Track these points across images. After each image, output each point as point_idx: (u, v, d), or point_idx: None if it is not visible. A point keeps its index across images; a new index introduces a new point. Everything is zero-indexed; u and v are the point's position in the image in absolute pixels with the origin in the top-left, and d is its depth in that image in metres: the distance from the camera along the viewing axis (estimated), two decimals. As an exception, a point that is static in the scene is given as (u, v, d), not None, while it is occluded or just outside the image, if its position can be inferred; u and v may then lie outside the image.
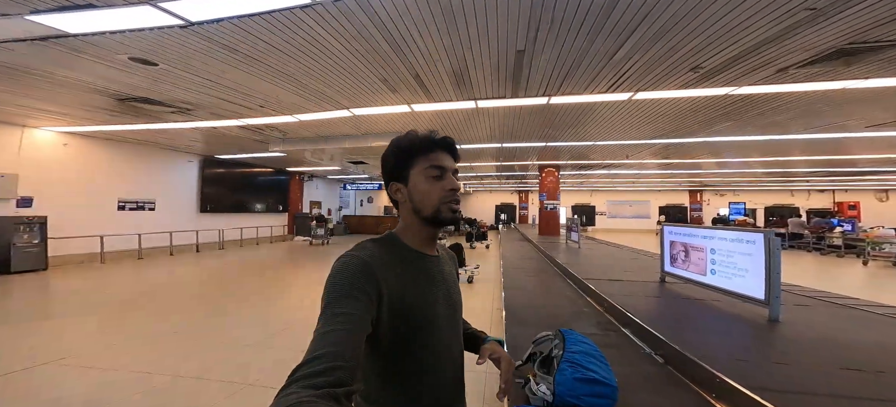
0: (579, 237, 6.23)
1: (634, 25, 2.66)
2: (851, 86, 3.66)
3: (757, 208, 18.90)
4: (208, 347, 3.05)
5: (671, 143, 6.86)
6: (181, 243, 9.31)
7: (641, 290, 2.98)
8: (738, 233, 2.46)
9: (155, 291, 5.13)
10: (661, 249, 3.39)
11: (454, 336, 0.71)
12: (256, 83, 4.02)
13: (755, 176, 13.02)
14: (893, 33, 2.63)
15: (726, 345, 1.70)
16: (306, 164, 11.51)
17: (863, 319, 2.16)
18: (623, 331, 2.17)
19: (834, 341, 1.70)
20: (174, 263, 7.55)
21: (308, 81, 3.97)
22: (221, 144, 8.19)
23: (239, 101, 4.71)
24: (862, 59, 3.04)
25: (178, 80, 3.89)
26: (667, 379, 1.47)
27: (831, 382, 1.26)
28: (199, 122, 5.75)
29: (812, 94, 4.00)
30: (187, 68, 3.57)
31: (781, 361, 1.45)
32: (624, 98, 4.29)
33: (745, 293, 2.29)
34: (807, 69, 3.29)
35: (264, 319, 3.90)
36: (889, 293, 5.09)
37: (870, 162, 9.28)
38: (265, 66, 3.55)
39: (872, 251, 7.85)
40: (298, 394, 0.40)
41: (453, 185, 0.68)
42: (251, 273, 6.72)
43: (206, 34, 2.87)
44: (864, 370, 1.35)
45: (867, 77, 3.46)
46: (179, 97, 4.51)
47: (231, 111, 5.17)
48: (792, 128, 5.60)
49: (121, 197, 8.08)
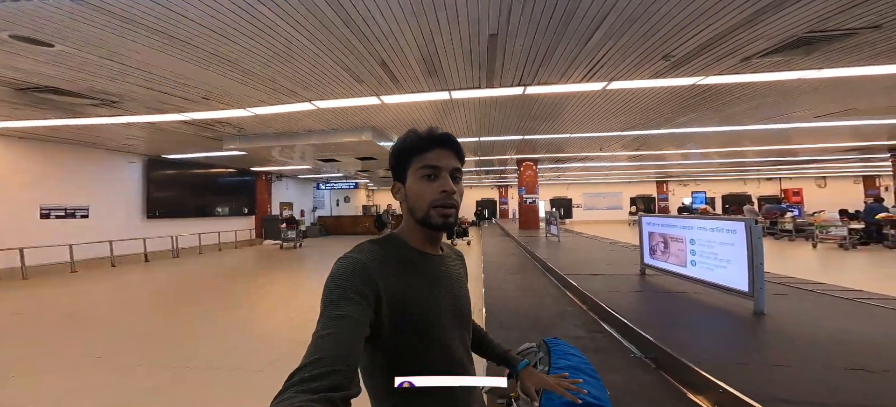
0: (559, 230, 6.21)
1: (607, 8, 2.52)
2: (807, 76, 3.81)
3: (715, 197, 20.37)
4: (139, 377, 2.55)
5: (641, 134, 7.03)
6: (126, 253, 8.31)
7: (623, 284, 2.89)
8: (718, 222, 2.39)
9: (81, 310, 4.39)
10: (641, 240, 3.33)
11: (460, 338, 0.67)
12: (194, 71, 3.48)
13: (713, 166, 13.96)
14: (850, 21, 2.69)
15: (719, 345, 1.58)
16: (273, 163, 10.71)
17: (842, 307, 2.15)
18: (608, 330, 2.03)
19: (826, 336, 1.63)
20: (114, 276, 6.65)
21: (256, 69, 3.51)
22: (167, 143, 7.32)
23: (177, 93, 4.11)
24: (819, 47, 3.13)
25: (90, 65, 3.28)
26: (663, 389, 1.31)
27: (838, 387, 1.14)
28: (131, 116, 5.01)
29: (768, 84, 4.15)
30: (97, 51, 3.00)
31: (783, 363, 1.33)
32: (598, 88, 4.22)
33: (728, 285, 2.22)
34: (769, 58, 3.35)
35: (222, 335, 3.40)
36: (845, 275, 5.50)
37: (811, 151, 10.18)
38: (202, 52, 3.07)
39: (820, 234, 8.55)
40: (295, 399, 0.40)
41: (446, 186, 0.63)
42: (205, 283, 6.03)
43: (109, 8, 2.37)
44: (869, 370, 1.26)
45: (821, 67, 3.60)
46: (99, 87, 3.84)
47: (170, 104, 4.52)
48: (747, 119, 5.90)
49: (44, 203, 7.01)
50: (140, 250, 8.62)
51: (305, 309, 4.24)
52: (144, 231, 8.92)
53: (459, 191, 0.65)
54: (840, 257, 7.00)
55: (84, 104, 4.37)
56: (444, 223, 0.63)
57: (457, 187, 0.65)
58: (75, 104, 4.36)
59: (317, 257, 9.36)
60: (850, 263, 6.45)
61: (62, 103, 4.31)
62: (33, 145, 6.73)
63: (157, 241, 9.07)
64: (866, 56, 3.31)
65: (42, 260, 6.70)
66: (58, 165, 7.13)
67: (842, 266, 6.14)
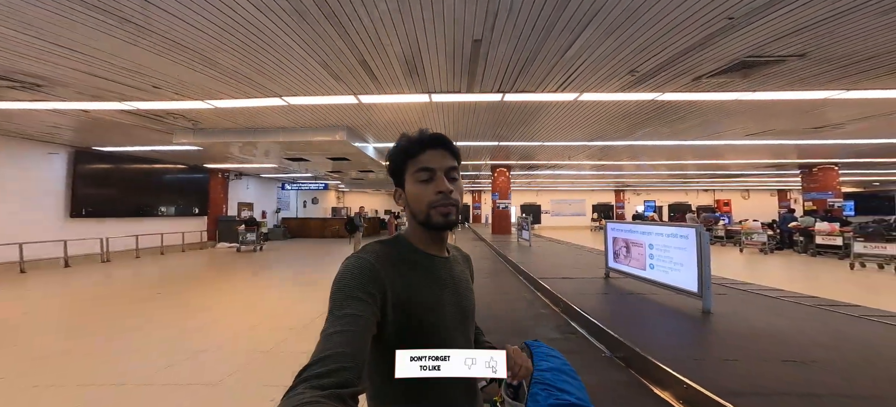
0: (530, 235, 6.46)
1: (587, 20, 2.69)
2: (744, 97, 4.40)
3: (663, 206, 22.67)
4: (51, 400, 2.15)
5: (604, 145, 7.61)
6: (41, 257, 7.07)
7: (590, 287, 3.07)
8: (674, 228, 2.65)
9: None
10: (606, 245, 3.57)
11: (464, 340, 0.68)
12: (145, 58, 3.10)
13: (661, 177, 15.53)
14: (782, 49, 3.13)
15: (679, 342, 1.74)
16: (233, 160, 9.85)
17: (770, 305, 2.47)
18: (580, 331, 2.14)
19: (762, 332, 1.86)
20: (22, 284, 5.60)
21: (223, 60, 3.22)
22: (102, 134, 6.40)
23: (120, 80, 3.62)
24: (756, 71, 3.62)
25: (13, 43, 2.77)
26: (634, 387, 1.41)
27: (778, 378, 1.31)
28: (60, 103, 4.31)
29: (712, 103, 4.72)
30: (19, 27, 2.55)
31: (730, 357, 1.51)
32: (571, 98, 4.49)
33: (680, 286, 2.46)
34: (715, 78, 3.81)
35: (159, 348, 2.98)
36: (768, 275, 6.35)
37: (738, 166, 11.76)
38: (157, 38, 2.75)
39: (746, 240, 9.88)
40: (305, 395, 0.40)
41: (441, 186, 0.64)
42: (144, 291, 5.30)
43: None
44: (800, 361, 1.47)
45: (755, 90, 4.17)
46: (22, 69, 3.26)
47: (109, 92, 3.97)
48: (691, 135, 6.67)
49: (-72, 201, 5.73)
50: (59, 254, 7.39)
51: (264, 319, 3.87)
52: (67, 233, 7.67)
53: (458, 188, 0.66)
54: (761, 260, 8.14)
55: (2, 86, 3.67)
56: (446, 222, 0.64)
57: (454, 186, 0.65)
58: (-18, 81, 3.64)
59: (279, 260, 8.72)
60: (769, 265, 7.53)
61: (-37, 79, 3.57)
62: (-85, 127, 5.51)
63: (80, 243, 7.86)
64: (789, 81, 3.89)
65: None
66: (-50, 154, 5.91)
67: (764, 268, 7.13)
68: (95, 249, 8.19)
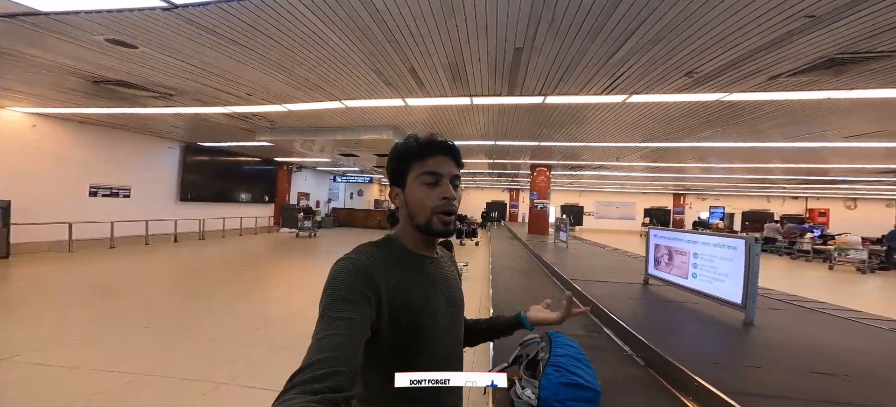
0: (568, 237, 6.33)
1: (633, 28, 2.66)
2: (837, 96, 3.79)
3: (735, 213, 19.72)
4: (179, 344, 2.92)
5: (660, 146, 7.01)
6: (158, 233, 8.95)
7: (625, 291, 3.05)
8: (721, 238, 2.53)
9: (123, 283, 4.88)
10: (647, 251, 3.47)
11: (455, 338, 0.70)
12: (243, 70, 3.85)
13: (735, 181, 13.54)
14: (883, 44, 2.69)
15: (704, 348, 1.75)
16: (295, 154, 11.21)
17: (829, 322, 2.27)
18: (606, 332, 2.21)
19: (802, 345, 1.78)
20: (149, 254, 7.24)
21: (298, 71, 3.83)
22: (205, 131, 7.87)
23: (225, 89, 4.51)
24: (851, 69, 3.13)
25: (159, 64, 3.69)
26: (648, 382, 1.50)
27: (801, 386, 1.31)
28: (182, 108, 5.49)
29: (798, 103, 4.13)
30: (169, 52, 3.38)
31: (754, 364, 1.51)
32: (618, 101, 4.34)
33: (722, 297, 2.37)
34: (797, 77, 3.37)
35: (246, 314, 3.79)
36: (853, 297, 5.41)
37: (841, 171, 9.77)
38: (253, 54, 3.40)
39: (838, 257, 8.30)
40: (296, 400, 0.40)
41: (447, 192, 0.64)
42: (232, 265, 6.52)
43: (191, 17, 2.71)
44: (832, 374, 1.42)
45: (852, 88, 3.57)
46: (160, 81, 4.28)
47: (216, 98, 4.95)
48: (774, 136, 5.81)
49: (93, 182, 7.68)
50: (170, 231, 9.25)
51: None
52: (176, 213, 9.54)
53: (458, 197, 0.67)
54: (853, 280, 6.84)
55: (145, 96, 4.86)
56: (445, 230, 0.64)
57: (455, 193, 0.66)
58: (137, 96, 4.85)
59: (331, 246, 9.81)
60: (861, 286, 6.30)
61: (126, 94, 4.80)
62: (88, 129, 7.37)
63: (185, 223, 9.63)
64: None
65: (86, 235, 7.32)
66: (107, 147, 7.77)
67: (852, 289, 6.01)
68: (194, 228, 10.03)
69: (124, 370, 2.42)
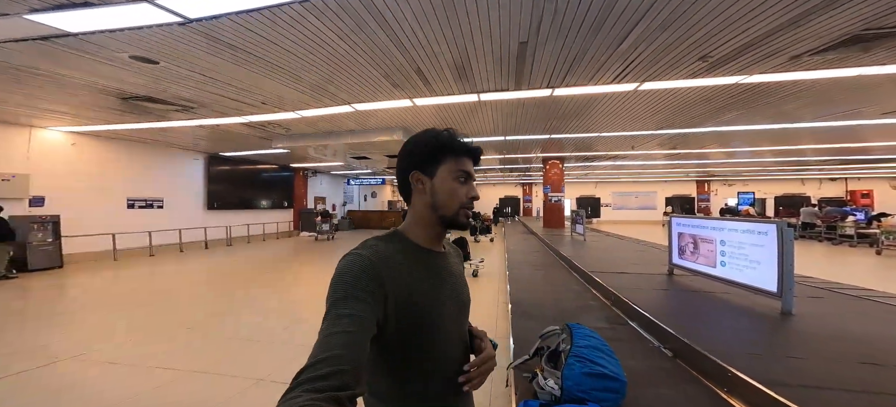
0: (584, 230, 6.18)
1: (639, 15, 2.58)
2: (868, 72, 3.53)
3: (766, 198, 18.58)
4: (221, 344, 3.10)
5: (678, 133, 6.72)
6: (190, 240, 9.47)
7: (649, 283, 2.95)
8: (750, 224, 2.41)
9: (169, 288, 5.23)
10: (669, 241, 3.34)
11: (461, 333, 0.70)
12: (257, 80, 4.00)
13: (764, 165, 12.76)
14: None
15: (738, 338, 1.67)
16: (309, 160, 11.53)
17: (878, 311, 2.11)
18: (631, 324, 2.15)
19: (849, 335, 1.67)
20: (185, 260, 7.68)
21: (309, 77, 3.95)
22: (226, 142, 8.24)
23: (241, 99, 4.71)
24: (880, 44, 2.92)
25: (180, 77, 3.90)
26: (676, 373, 1.45)
27: (848, 377, 1.23)
28: (203, 119, 5.77)
29: (825, 81, 3.87)
30: (188, 66, 3.57)
31: (795, 355, 1.42)
32: (630, 89, 4.20)
33: (756, 285, 2.25)
34: (821, 56, 3.17)
35: (277, 314, 3.95)
36: None
37: (884, 149, 9.01)
38: (265, 63, 3.53)
39: (885, 241, 7.66)
40: (301, 398, 0.40)
41: (475, 192, 0.70)
42: (260, 269, 6.80)
43: (205, 31, 2.86)
44: (881, 364, 1.32)
45: (885, 63, 3.32)
46: (182, 95, 4.52)
47: (233, 109, 5.18)
48: (803, 116, 5.44)
49: (130, 195, 8.21)
50: (201, 238, 9.77)
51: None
52: (205, 221, 10.07)
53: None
54: None
55: (169, 109, 5.15)
56: (467, 223, 0.69)
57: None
58: (163, 110, 5.16)
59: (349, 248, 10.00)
60: None
61: (153, 109, 5.11)
62: (121, 144, 7.91)
63: (213, 230, 10.17)
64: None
65: (126, 245, 7.88)
66: (139, 161, 8.30)
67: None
68: (222, 234, 10.54)
69: (171, 367, 2.63)
